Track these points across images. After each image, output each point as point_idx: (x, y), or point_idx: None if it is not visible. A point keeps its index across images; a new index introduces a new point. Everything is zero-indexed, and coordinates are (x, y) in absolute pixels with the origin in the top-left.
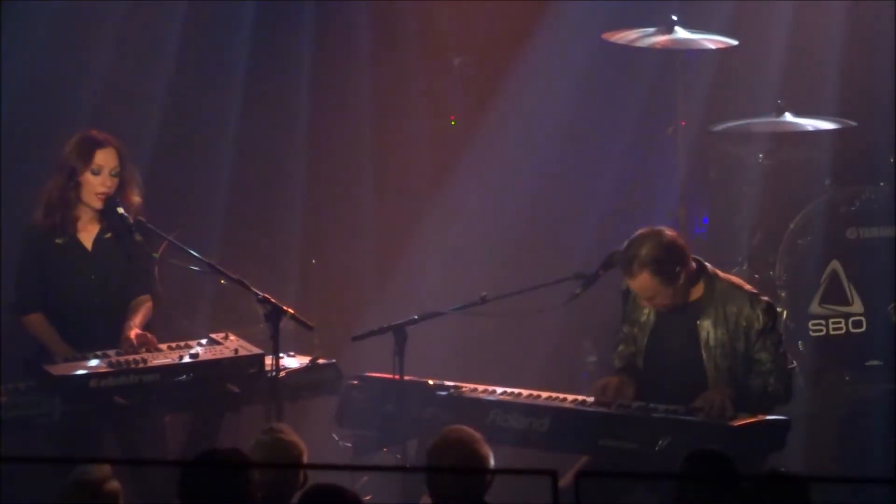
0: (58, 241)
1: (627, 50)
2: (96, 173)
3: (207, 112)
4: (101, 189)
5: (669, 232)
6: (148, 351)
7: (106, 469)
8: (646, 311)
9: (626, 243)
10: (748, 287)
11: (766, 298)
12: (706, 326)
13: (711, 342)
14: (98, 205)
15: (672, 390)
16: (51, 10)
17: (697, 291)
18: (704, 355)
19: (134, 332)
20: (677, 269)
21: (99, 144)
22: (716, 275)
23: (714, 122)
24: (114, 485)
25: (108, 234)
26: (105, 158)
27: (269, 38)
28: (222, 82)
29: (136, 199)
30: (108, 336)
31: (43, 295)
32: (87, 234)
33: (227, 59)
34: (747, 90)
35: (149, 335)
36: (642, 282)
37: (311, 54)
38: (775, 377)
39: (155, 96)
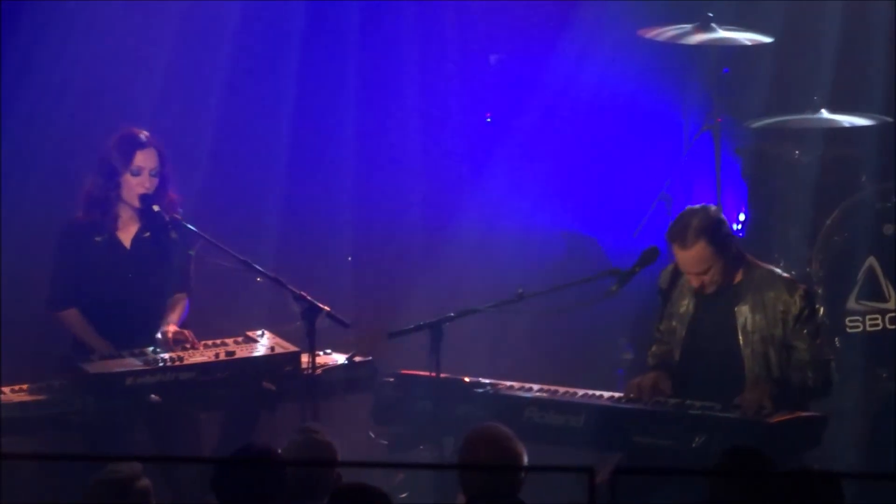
0: (97, 238)
1: (664, 46)
2: (136, 174)
3: (259, 108)
4: (141, 189)
5: (714, 207)
6: (184, 349)
7: (136, 467)
8: (685, 301)
9: (675, 219)
10: (786, 274)
11: (803, 285)
12: (744, 312)
13: (749, 327)
14: (138, 204)
15: (710, 379)
16: (111, 11)
17: (737, 277)
18: (741, 340)
19: (171, 330)
20: (728, 241)
21: (140, 145)
22: (755, 263)
23: (751, 118)
24: (144, 483)
25: (147, 234)
26: (145, 159)
27: (316, 39)
28: (273, 83)
29: (175, 196)
30: (143, 334)
31: (78, 291)
32: (126, 233)
33: (278, 61)
34: (784, 87)
35: (186, 332)
36: (697, 252)
37: (356, 55)
38: (813, 369)
39: (209, 97)
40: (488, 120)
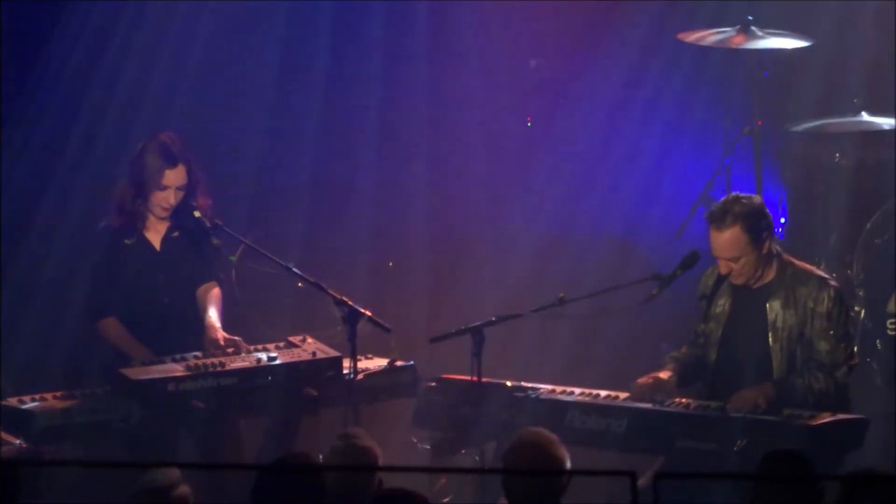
0: (127, 241)
1: (703, 49)
2: (163, 190)
3: (311, 116)
4: (167, 205)
5: (759, 199)
6: (226, 354)
7: (175, 474)
8: (721, 301)
9: (719, 201)
10: (820, 272)
11: (836, 284)
12: (775, 308)
13: (779, 324)
14: (164, 215)
15: (743, 378)
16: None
17: (770, 274)
18: (771, 337)
19: (221, 336)
20: (764, 235)
21: (170, 163)
22: (790, 261)
23: (791, 122)
24: (183, 490)
25: (176, 233)
26: (173, 178)
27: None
28: (344, 88)
29: (206, 201)
30: (179, 335)
31: (115, 297)
32: (156, 234)
33: (357, 63)
34: (824, 89)
35: (238, 339)
36: (731, 236)
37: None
38: (827, 373)
39: (265, 101)
40: (529, 124)
